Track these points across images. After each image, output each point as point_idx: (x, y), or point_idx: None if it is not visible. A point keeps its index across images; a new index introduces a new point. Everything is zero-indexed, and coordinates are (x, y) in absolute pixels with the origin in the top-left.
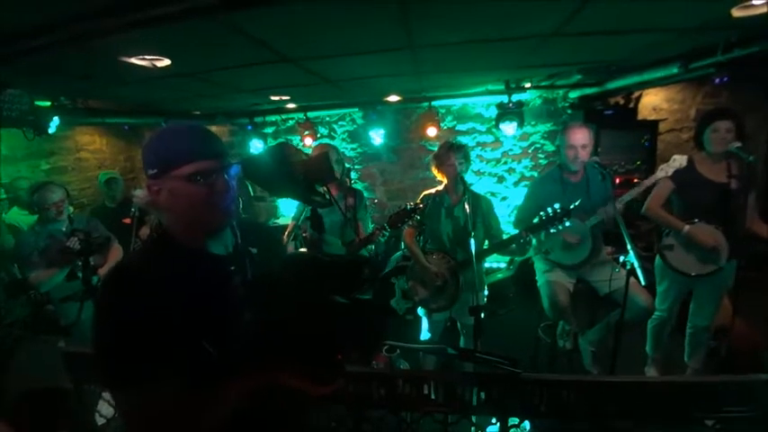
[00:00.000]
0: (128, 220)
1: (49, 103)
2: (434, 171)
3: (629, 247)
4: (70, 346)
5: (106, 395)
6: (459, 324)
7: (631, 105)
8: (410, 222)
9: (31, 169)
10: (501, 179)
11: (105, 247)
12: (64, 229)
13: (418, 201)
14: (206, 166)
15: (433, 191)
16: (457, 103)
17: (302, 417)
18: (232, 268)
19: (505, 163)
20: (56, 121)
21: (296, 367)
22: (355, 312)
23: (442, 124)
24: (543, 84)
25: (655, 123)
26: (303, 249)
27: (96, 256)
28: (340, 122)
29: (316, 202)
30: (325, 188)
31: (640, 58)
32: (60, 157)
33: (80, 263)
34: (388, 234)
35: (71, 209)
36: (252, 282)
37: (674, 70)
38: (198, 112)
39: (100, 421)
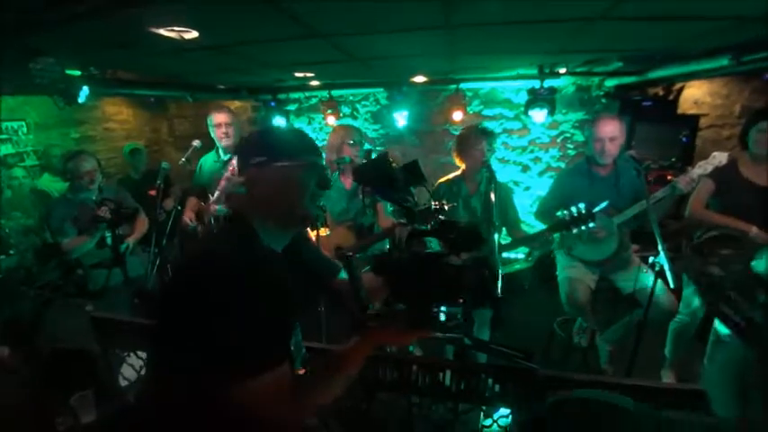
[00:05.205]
0: (153, 192)
1: (79, 73)
2: (455, 155)
3: (660, 247)
4: (98, 312)
5: (130, 360)
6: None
7: (671, 97)
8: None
9: (61, 137)
10: (526, 168)
11: (133, 218)
12: (94, 197)
13: (435, 186)
14: (318, 161)
15: (450, 176)
16: (485, 86)
17: None
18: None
19: (532, 152)
20: (85, 90)
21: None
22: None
23: (468, 108)
24: (579, 70)
25: (695, 118)
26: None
27: (124, 225)
28: (363, 102)
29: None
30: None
31: (689, 47)
32: (89, 127)
33: (109, 232)
34: None
35: (101, 178)
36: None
37: (725, 62)
38: (222, 87)
39: (123, 383)
